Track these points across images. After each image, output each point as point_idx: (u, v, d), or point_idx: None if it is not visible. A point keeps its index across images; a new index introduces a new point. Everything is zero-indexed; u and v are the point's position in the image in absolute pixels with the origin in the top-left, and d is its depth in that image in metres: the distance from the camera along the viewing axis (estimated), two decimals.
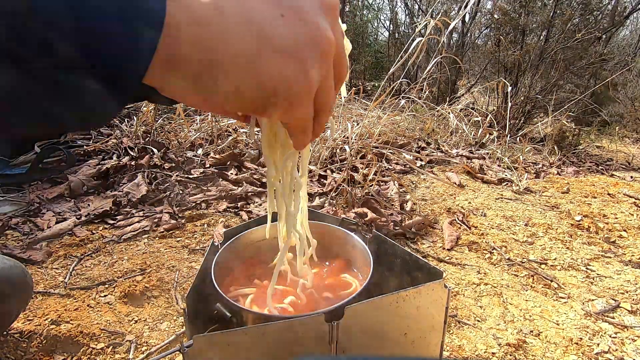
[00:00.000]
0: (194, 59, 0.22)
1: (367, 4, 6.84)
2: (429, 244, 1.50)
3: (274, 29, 0.24)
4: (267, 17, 0.24)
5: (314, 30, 0.25)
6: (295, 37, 0.24)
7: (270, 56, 0.24)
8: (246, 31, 0.23)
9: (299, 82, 0.25)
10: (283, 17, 0.24)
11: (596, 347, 1.02)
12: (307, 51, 0.25)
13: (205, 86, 0.24)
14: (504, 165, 2.52)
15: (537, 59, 3.68)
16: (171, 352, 0.59)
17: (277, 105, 0.26)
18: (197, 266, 1.23)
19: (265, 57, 0.24)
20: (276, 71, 0.24)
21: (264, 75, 0.24)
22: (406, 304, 0.59)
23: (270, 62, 0.24)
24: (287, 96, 0.26)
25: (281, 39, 0.24)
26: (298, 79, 0.25)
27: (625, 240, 1.63)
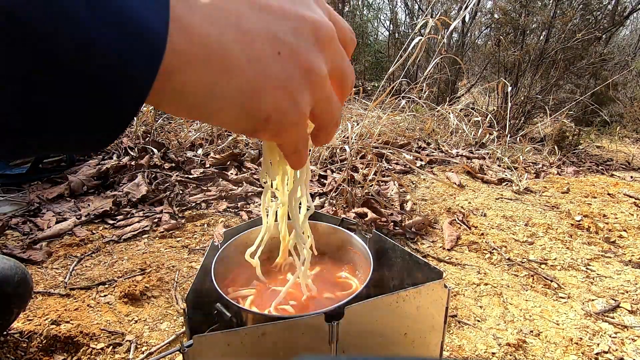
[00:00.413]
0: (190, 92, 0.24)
1: (367, 3, 6.84)
2: (429, 244, 1.50)
3: (272, 67, 0.26)
4: (266, 54, 0.25)
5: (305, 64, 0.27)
6: (288, 73, 0.26)
7: (267, 89, 0.26)
8: (246, 69, 0.25)
9: (290, 112, 0.27)
10: (280, 55, 0.26)
11: (596, 347, 1.02)
12: (298, 83, 0.27)
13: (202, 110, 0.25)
14: (504, 165, 2.52)
15: (537, 59, 3.68)
16: (171, 352, 0.59)
17: (267, 131, 0.28)
18: (197, 266, 1.23)
19: (263, 91, 0.26)
20: (270, 102, 0.26)
21: (259, 108, 0.26)
22: (406, 304, 0.59)
23: (266, 94, 0.26)
24: (278, 123, 0.28)
25: (277, 75, 0.26)
26: (289, 109, 0.27)
27: (625, 240, 1.63)
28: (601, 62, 3.82)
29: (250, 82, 0.25)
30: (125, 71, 0.19)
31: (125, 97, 0.20)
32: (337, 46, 0.30)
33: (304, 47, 0.27)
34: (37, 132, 0.19)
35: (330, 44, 0.29)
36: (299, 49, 0.27)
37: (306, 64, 0.27)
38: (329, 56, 0.29)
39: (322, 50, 0.28)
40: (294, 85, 0.27)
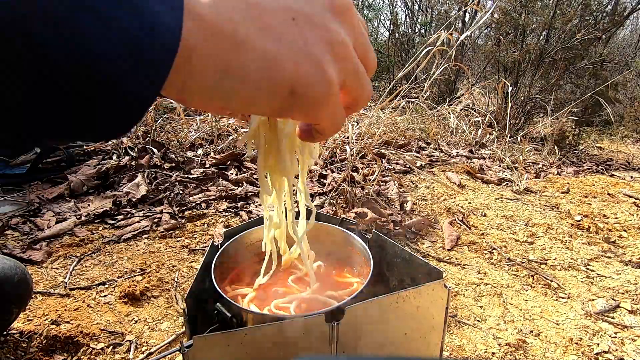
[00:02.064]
0: (209, 71, 0.23)
1: (367, 3, 6.84)
2: (429, 244, 1.50)
3: (286, 33, 0.24)
4: (278, 21, 0.24)
5: (324, 32, 0.25)
6: (306, 39, 0.25)
7: (284, 58, 0.24)
8: (259, 37, 0.24)
9: (317, 81, 0.25)
10: (294, 20, 0.25)
11: (596, 347, 1.02)
12: (320, 51, 0.25)
13: (221, 95, 0.24)
14: (504, 165, 2.52)
15: (537, 59, 3.68)
16: (171, 352, 0.59)
17: (295, 108, 0.26)
18: (197, 266, 1.23)
19: (279, 60, 0.24)
20: (290, 71, 0.24)
21: (279, 76, 0.24)
22: (406, 304, 0.59)
23: (284, 63, 0.24)
24: (307, 98, 0.26)
25: (293, 41, 0.24)
26: (315, 77, 0.25)
27: (625, 240, 1.63)
28: (601, 62, 3.82)
29: (265, 52, 0.24)
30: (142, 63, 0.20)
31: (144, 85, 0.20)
32: (355, 18, 0.28)
33: (320, 14, 0.26)
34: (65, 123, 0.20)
35: (348, 14, 0.27)
36: (315, 16, 0.25)
37: (326, 31, 0.26)
38: (350, 25, 0.27)
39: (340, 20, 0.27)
40: (315, 51, 0.25)
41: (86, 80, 0.18)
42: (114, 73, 0.19)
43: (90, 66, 0.18)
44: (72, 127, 0.20)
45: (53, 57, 0.17)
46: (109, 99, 0.20)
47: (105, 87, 0.19)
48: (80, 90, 0.19)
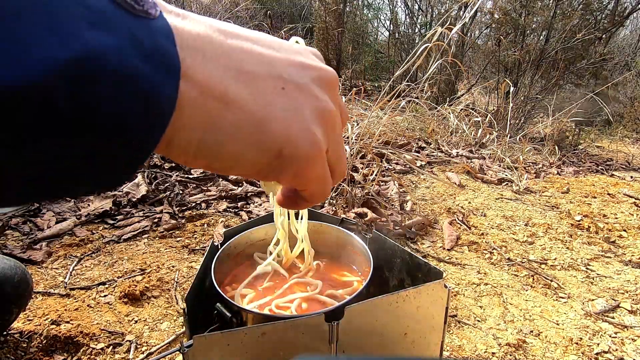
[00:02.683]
0: (197, 128, 0.24)
1: (367, 3, 6.84)
2: (429, 244, 1.50)
3: (276, 99, 0.25)
4: (269, 89, 0.25)
5: (313, 100, 0.27)
6: (297, 105, 0.26)
7: (274, 119, 0.25)
8: (249, 100, 0.24)
9: (305, 142, 0.26)
10: (284, 90, 0.26)
11: (596, 347, 1.02)
12: (310, 116, 0.26)
13: (207, 152, 0.25)
14: (504, 165, 2.52)
15: (537, 59, 3.68)
16: (171, 352, 0.59)
17: (283, 170, 0.27)
18: (197, 266, 1.23)
19: (269, 120, 0.25)
20: (279, 132, 0.25)
21: (268, 136, 0.25)
22: (406, 304, 0.59)
23: (274, 124, 0.25)
24: (294, 160, 0.26)
25: (283, 105, 0.25)
26: (303, 139, 0.26)
27: (625, 240, 1.63)
28: (601, 62, 3.82)
29: (254, 113, 0.25)
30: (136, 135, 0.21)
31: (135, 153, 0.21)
32: (337, 93, 0.30)
33: (310, 85, 0.27)
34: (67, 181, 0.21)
35: (334, 88, 0.29)
36: (305, 86, 0.27)
37: (315, 100, 0.27)
38: (335, 99, 0.29)
39: (327, 92, 0.28)
40: (305, 115, 0.26)
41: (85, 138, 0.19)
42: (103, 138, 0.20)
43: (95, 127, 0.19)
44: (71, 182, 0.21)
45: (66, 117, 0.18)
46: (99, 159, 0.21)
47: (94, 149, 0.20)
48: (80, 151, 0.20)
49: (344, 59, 5.80)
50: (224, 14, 3.89)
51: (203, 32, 0.24)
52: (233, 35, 0.26)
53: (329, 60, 5.36)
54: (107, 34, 0.19)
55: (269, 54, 0.26)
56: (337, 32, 5.34)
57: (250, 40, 0.26)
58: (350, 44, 5.98)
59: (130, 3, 0.20)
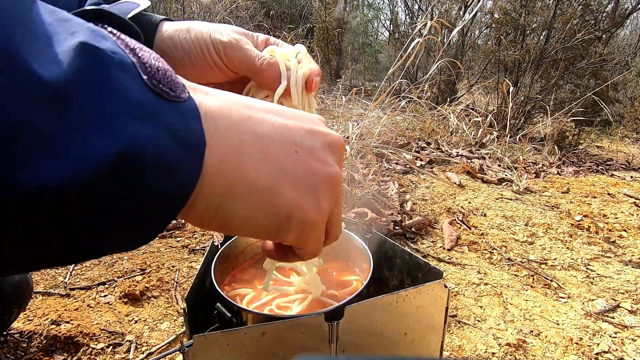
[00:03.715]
0: (214, 194, 0.25)
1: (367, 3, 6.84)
2: (429, 244, 1.50)
3: (289, 164, 0.27)
4: (283, 153, 0.27)
5: (323, 166, 0.29)
6: (307, 172, 0.28)
7: (286, 187, 0.27)
8: (264, 166, 0.26)
9: (311, 209, 0.28)
10: (297, 153, 0.28)
11: (596, 347, 1.02)
12: (319, 184, 0.28)
13: (222, 216, 0.27)
14: (504, 165, 2.52)
15: (537, 59, 3.67)
16: (171, 352, 0.59)
17: (291, 231, 0.29)
18: (197, 266, 1.23)
19: (281, 189, 0.27)
20: (290, 198, 0.27)
21: (280, 204, 0.27)
22: (406, 303, 0.59)
23: (286, 192, 0.27)
24: (302, 223, 0.28)
25: (295, 172, 0.27)
26: (311, 205, 0.28)
27: (625, 240, 1.63)
28: (601, 62, 3.82)
29: (268, 178, 0.27)
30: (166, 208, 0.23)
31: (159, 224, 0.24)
32: (343, 158, 0.32)
33: (321, 150, 0.29)
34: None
35: (341, 154, 0.31)
36: (316, 151, 0.29)
37: (323, 165, 0.29)
38: (339, 164, 0.31)
39: (334, 156, 0.30)
40: (314, 181, 0.28)
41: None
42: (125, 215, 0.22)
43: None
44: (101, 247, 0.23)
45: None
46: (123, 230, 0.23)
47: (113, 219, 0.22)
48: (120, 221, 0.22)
49: (344, 59, 5.80)
50: (224, 14, 3.88)
51: (224, 105, 0.26)
52: (249, 106, 0.28)
53: (329, 60, 5.37)
54: (148, 127, 0.21)
55: (282, 121, 0.29)
56: (337, 32, 5.34)
57: (264, 110, 0.29)
58: (350, 44, 5.98)
59: (166, 91, 0.22)
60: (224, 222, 0.27)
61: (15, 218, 0.17)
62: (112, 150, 0.19)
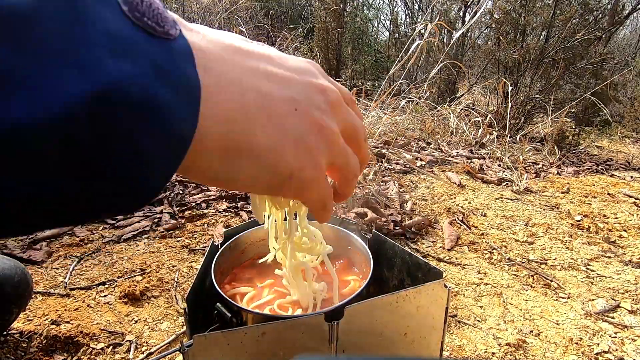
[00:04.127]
0: (218, 153, 0.25)
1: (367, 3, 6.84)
2: (429, 244, 1.50)
3: (289, 123, 0.28)
4: (284, 111, 0.27)
5: (318, 120, 0.29)
6: (306, 130, 0.28)
7: (288, 147, 0.27)
8: (268, 126, 0.26)
9: (310, 166, 0.29)
10: (296, 111, 0.28)
11: (596, 347, 1.02)
12: (314, 139, 0.29)
13: (226, 175, 0.27)
14: (504, 165, 2.52)
15: (537, 59, 3.67)
16: (171, 352, 0.59)
17: (291, 187, 0.29)
18: (197, 266, 1.23)
19: (284, 146, 0.27)
20: (292, 158, 0.28)
21: (282, 164, 0.28)
22: (406, 303, 0.59)
23: (288, 151, 0.27)
24: (301, 181, 0.29)
25: (295, 131, 0.28)
26: (309, 163, 0.29)
27: (625, 240, 1.63)
28: (601, 62, 3.82)
29: (271, 136, 0.27)
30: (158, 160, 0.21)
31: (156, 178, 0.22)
32: (344, 106, 0.33)
33: (316, 107, 0.30)
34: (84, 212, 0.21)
35: (339, 105, 0.32)
36: (313, 109, 0.29)
37: (319, 120, 0.29)
38: (339, 116, 0.32)
39: (332, 111, 0.31)
40: (310, 139, 0.29)
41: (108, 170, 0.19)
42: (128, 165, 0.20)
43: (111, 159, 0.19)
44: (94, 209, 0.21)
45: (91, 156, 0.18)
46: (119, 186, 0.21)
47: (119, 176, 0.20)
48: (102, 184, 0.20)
49: (344, 59, 5.80)
50: (224, 14, 3.89)
51: (221, 52, 0.25)
52: (249, 54, 0.27)
53: (329, 60, 5.36)
54: (129, 63, 0.18)
55: (282, 73, 0.28)
56: (337, 32, 5.34)
57: (264, 59, 0.28)
58: (350, 44, 5.98)
59: (152, 25, 0.20)
60: (228, 182, 0.27)
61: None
62: (86, 87, 0.17)
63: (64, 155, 0.17)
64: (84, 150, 0.18)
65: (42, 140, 0.16)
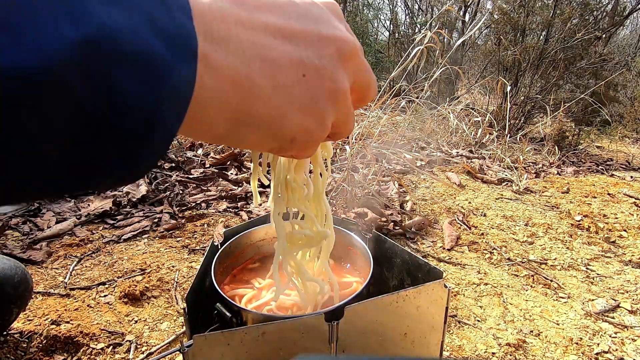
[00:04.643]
0: (223, 119, 0.25)
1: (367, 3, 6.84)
2: (429, 244, 1.50)
3: (296, 90, 0.27)
4: (291, 79, 0.26)
5: (328, 83, 0.28)
6: (313, 93, 0.28)
7: (294, 113, 0.27)
8: (272, 93, 0.26)
9: (316, 130, 0.29)
10: (305, 77, 0.27)
11: (596, 347, 1.02)
12: (324, 103, 0.28)
13: (231, 140, 0.27)
14: (504, 165, 2.52)
15: (537, 59, 3.68)
16: (171, 352, 0.59)
17: (293, 149, 0.29)
18: (197, 266, 1.23)
19: (289, 115, 0.27)
20: (296, 123, 0.28)
21: (286, 128, 0.27)
22: (406, 303, 0.59)
23: (293, 118, 0.27)
24: (304, 142, 0.29)
25: (303, 98, 0.27)
26: (316, 130, 0.29)
27: (625, 240, 1.63)
28: (601, 62, 3.82)
29: (276, 107, 0.26)
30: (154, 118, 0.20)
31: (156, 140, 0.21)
32: (360, 58, 0.31)
33: (329, 67, 0.28)
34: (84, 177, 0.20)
35: (353, 58, 0.30)
36: (324, 70, 0.28)
37: (331, 83, 0.28)
38: (352, 70, 0.30)
39: (345, 66, 0.29)
40: (320, 104, 0.28)
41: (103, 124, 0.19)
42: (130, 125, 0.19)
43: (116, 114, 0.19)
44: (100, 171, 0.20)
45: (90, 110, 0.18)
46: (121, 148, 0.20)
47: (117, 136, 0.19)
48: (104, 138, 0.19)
49: None
50: None
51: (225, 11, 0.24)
52: (255, 5, 0.25)
53: None
54: (121, 11, 0.18)
55: (291, 27, 0.26)
56: None
57: (273, 10, 0.26)
58: None
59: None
60: (232, 143, 0.28)
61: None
62: (77, 34, 0.16)
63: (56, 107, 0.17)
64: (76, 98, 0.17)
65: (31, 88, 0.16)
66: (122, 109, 0.18)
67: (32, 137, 0.16)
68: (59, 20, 0.16)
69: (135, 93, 0.19)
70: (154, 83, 0.19)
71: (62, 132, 0.17)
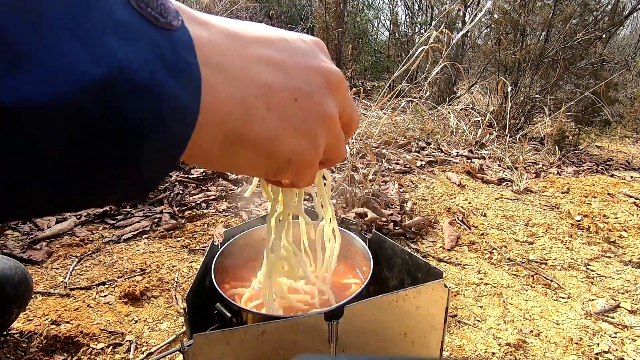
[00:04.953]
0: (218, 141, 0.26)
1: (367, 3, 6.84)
2: (429, 244, 1.50)
3: (289, 112, 0.28)
4: (284, 101, 0.28)
5: (318, 107, 0.30)
6: (306, 117, 0.29)
7: (287, 133, 0.28)
8: (267, 115, 0.27)
9: (309, 152, 0.30)
10: (296, 101, 0.29)
11: (596, 347, 1.02)
12: (314, 125, 0.30)
13: (225, 162, 0.28)
14: (504, 165, 2.52)
15: (537, 59, 3.67)
16: (171, 352, 0.59)
17: (288, 172, 0.31)
18: (197, 266, 1.23)
19: (282, 134, 0.28)
20: (290, 147, 0.29)
21: (281, 148, 0.29)
22: (406, 303, 0.59)
23: (287, 138, 0.28)
24: (299, 165, 0.30)
25: (295, 120, 0.29)
26: (309, 151, 0.30)
27: (625, 240, 1.63)
28: (601, 62, 3.82)
29: (270, 127, 0.27)
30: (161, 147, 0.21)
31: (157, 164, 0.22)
32: (345, 89, 0.33)
33: (318, 93, 0.30)
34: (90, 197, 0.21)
35: (340, 88, 0.32)
36: (314, 96, 0.30)
37: (320, 108, 0.30)
38: (340, 99, 0.32)
39: (333, 95, 0.31)
40: (311, 127, 0.30)
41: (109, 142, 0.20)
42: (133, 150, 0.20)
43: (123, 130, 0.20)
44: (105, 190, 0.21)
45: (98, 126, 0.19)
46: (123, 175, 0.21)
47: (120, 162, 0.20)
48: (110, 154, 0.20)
49: (344, 59, 5.80)
50: (224, 14, 3.88)
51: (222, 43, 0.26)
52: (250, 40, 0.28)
53: None
54: (134, 49, 0.19)
55: (282, 58, 0.29)
56: (337, 32, 5.34)
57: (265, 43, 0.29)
58: (350, 44, 5.98)
59: (154, 15, 0.20)
60: (226, 167, 0.29)
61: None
62: (98, 70, 0.17)
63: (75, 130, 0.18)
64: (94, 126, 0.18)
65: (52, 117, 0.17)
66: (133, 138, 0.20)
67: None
68: (81, 55, 0.17)
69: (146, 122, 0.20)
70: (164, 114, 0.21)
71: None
